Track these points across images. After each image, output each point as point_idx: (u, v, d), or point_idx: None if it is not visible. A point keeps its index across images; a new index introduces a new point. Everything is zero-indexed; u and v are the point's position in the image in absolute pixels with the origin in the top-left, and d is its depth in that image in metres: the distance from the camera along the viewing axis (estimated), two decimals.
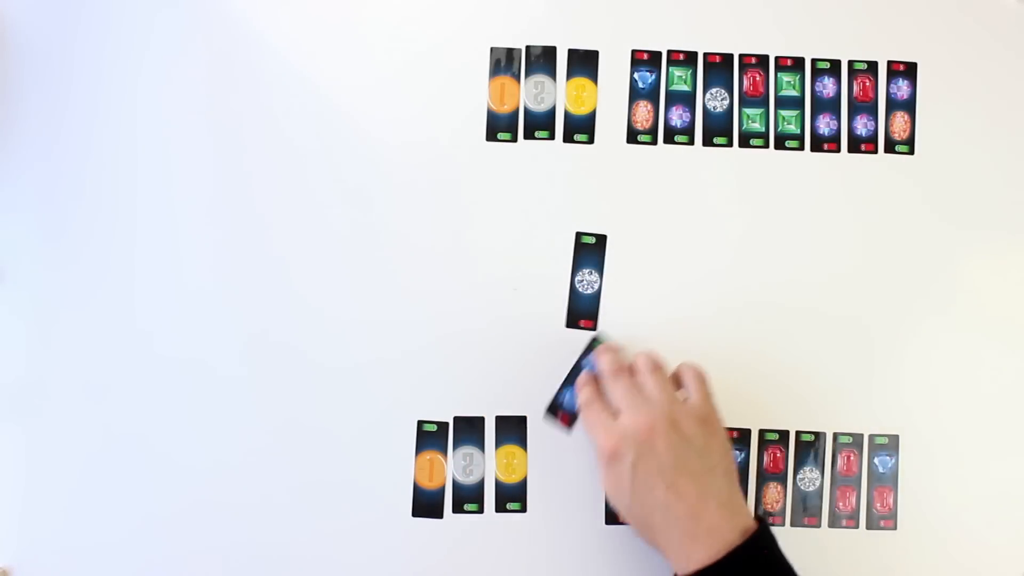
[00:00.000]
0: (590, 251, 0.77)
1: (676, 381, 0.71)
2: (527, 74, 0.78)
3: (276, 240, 0.76)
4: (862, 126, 0.78)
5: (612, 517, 0.75)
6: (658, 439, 0.64)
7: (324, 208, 0.76)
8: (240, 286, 0.76)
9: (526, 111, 0.77)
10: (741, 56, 0.78)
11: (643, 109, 0.78)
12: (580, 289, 0.76)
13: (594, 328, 0.76)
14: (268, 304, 0.75)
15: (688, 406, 0.67)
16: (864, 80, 0.78)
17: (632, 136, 0.78)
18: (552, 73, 0.78)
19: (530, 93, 0.78)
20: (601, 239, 0.77)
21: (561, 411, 0.75)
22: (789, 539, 0.73)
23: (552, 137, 0.77)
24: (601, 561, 0.74)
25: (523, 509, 0.75)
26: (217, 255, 0.76)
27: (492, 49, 0.78)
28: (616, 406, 0.68)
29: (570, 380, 0.75)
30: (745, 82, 0.78)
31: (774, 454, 0.76)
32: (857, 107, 0.78)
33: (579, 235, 0.77)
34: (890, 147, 0.78)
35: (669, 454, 0.64)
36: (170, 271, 0.76)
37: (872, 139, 0.78)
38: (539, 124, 0.77)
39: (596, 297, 0.76)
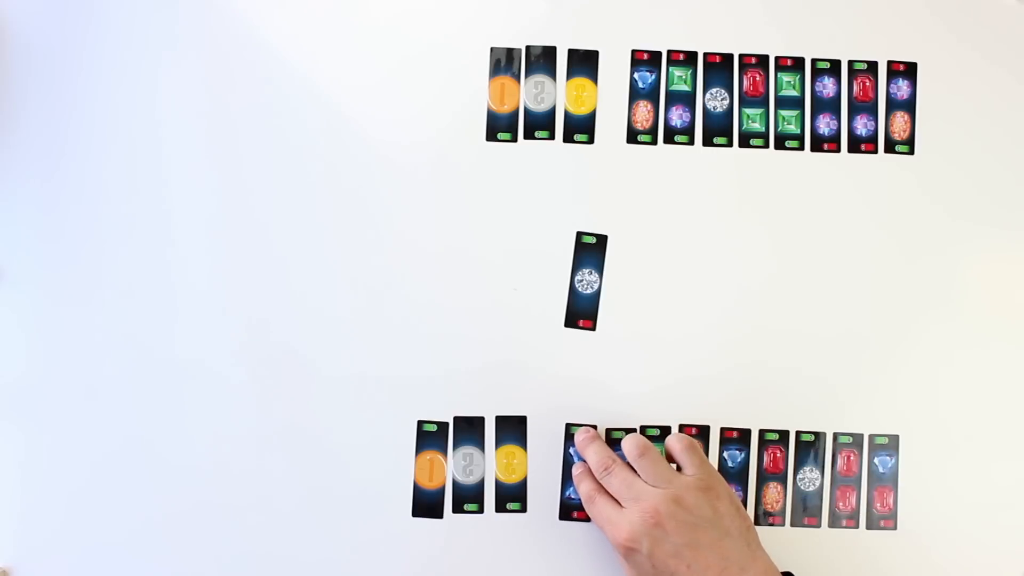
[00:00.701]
0: (590, 251, 0.77)
1: (668, 457, 0.71)
2: (527, 74, 0.78)
3: (275, 239, 0.76)
4: (862, 126, 0.78)
5: None
6: (666, 522, 0.64)
7: (323, 208, 0.76)
8: (239, 286, 0.76)
9: (526, 111, 0.77)
10: (741, 56, 0.78)
11: (643, 109, 0.78)
12: (580, 289, 0.76)
13: (593, 328, 0.76)
14: (268, 304, 0.75)
15: (687, 479, 0.67)
16: (864, 80, 0.78)
17: (632, 136, 0.78)
18: (552, 73, 0.78)
19: (530, 93, 0.78)
20: (601, 239, 0.77)
21: (575, 510, 0.75)
22: (789, 539, 0.73)
23: (552, 137, 0.77)
24: (600, 561, 0.74)
25: (523, 509, 0.75)
26: (216, 255, 0.76)
27: (492, 49, 0.78)
28: (617, 497, 0.68)
29: (569, 475, 0.75)
30: (745, 82, 0.78)
31: (774, 454, 0.76)
32: (857, 107, 0.78)
33: (579, 235, 0.77)
34: (890, 147, 0.78)
35: (680, 534, 0.64)
36: (170, 272, 0.76)
37: (872, 139, 0.78)
38: (539, 124, 0.77)
39: (596, 297, 0.76)
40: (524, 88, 0.78)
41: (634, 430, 0.75)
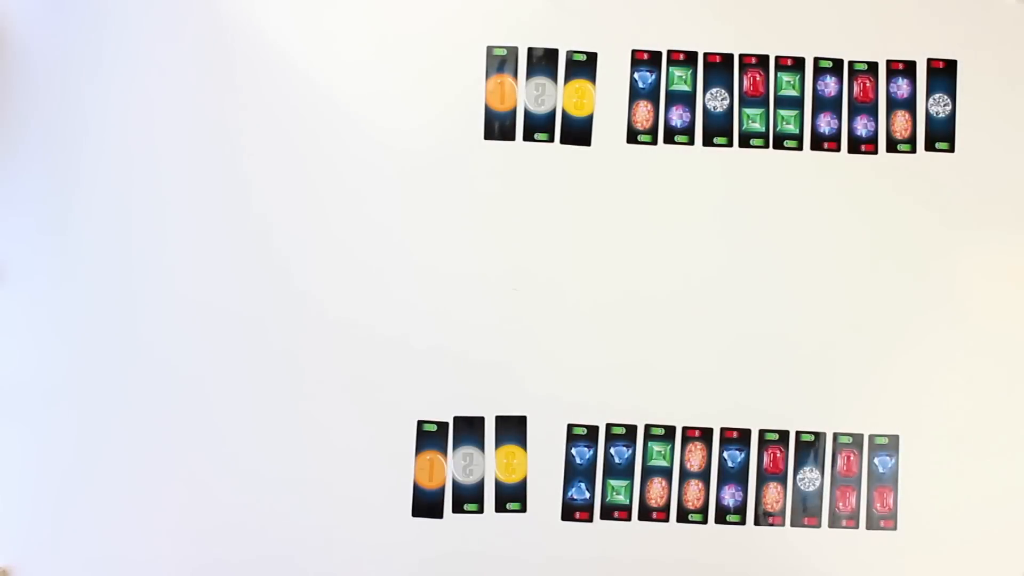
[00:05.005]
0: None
1: None
2: (528, 76, 0.78)
3: (276, 239, 0.76)
4: (862, 126, 0.78)
5: (607, 514, 0.75)
6: None
7: (324, 208, 0.76)
8: (240, 287, 0.76)
9: (526, 113, 0.77)
10: (741, 56, 0.78)
11: (643, 109, 0.78)
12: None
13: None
14: (269, 304, 0.75)
15: None
16: (864, 81, 0.78)
17: (632, 136, 0.78)
18: (553, 75, 0.78)
19: (531, 95, 0.77)
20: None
21: (577, 510, 0.75)
22: (789, 539, 0.73)
23: (552, 140, 0.77)
24: (600, 560, 0.74)
25: (523, 509, 0.75)
26: (218, 255, 0.76)
27: (491, 48, 0.78)
28: None
29: (569, 475, 0.75)
30: (745, 82, 0.78)
31: (774, 454, 0.76)
32: (857, 107, 0.78)
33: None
34: (892, 146, 0.78)
35: None
36: (172, 271, 0.76)
37: (872, 140, 0.78)
38: (539, 126, 0.77)
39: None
40: (525, 90, 0.78)
41: (635, 428, 0.75)
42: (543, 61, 0.78)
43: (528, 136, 0.77)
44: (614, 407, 0.75)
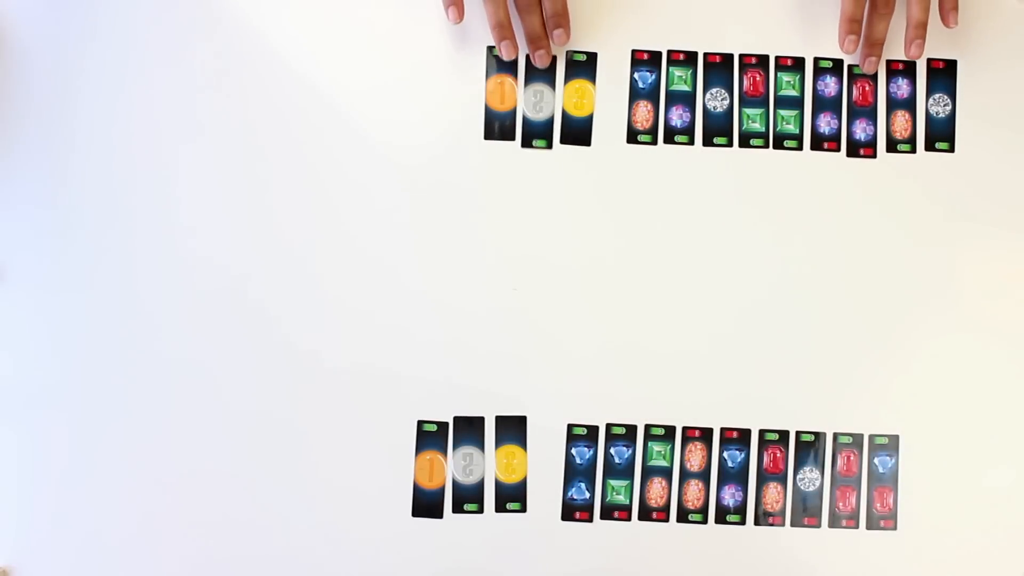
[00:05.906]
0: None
1: None
2: (526, 82, 0.78)
3: (276, 240, 0.76)
4: (861, 130, 0.78)
5: (607, 514, 0.75)
6: None
7: (324, 209, 0.76)
8: (240, 286, 0.76)
9: (524, 120, 0.77)
10: (741, 56, 0.78)
11: (643, 109, 0.78)
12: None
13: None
14: (268, 304, 0.76)
15: None
16: (864, 84, 0.78)
17: (632, 136, 0.78)
18: (551, 82, 0.78)
19: (529, 101, 0.77)
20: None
21: (577, 510, 0.75)
22: (789, 539, 0.73)
23: (550, 146, 0.77)
24: (600, 561, 0.74)
25: (523, 509, 0.75)
26: (218, 256, 0.76)
27: (490, 48, 0.78)
28: None
29: (569, 475, 0.75)
30: (745, 82, 0.78)
31: (774, 454, 0.76)
32: (857, 108, 0.78)
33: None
34: (892, 146, 0.78)
35: None
36: (172, 271, 0.76)
37: (872, 139, 0.78)
38: (537, 133, 0.77)
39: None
40: (523, 96, 0.78)
41: (635, 427, 0.75)
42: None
43: (526, 143, 0.77)
44: (614, 407, 0.75)
